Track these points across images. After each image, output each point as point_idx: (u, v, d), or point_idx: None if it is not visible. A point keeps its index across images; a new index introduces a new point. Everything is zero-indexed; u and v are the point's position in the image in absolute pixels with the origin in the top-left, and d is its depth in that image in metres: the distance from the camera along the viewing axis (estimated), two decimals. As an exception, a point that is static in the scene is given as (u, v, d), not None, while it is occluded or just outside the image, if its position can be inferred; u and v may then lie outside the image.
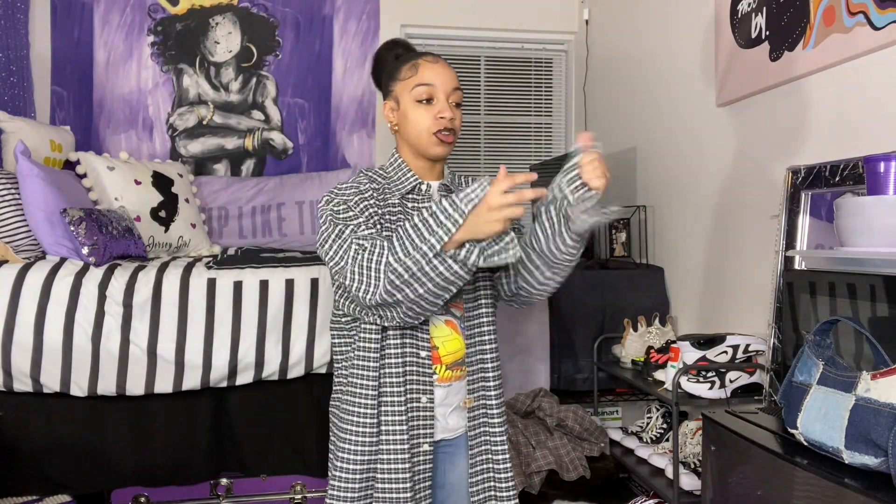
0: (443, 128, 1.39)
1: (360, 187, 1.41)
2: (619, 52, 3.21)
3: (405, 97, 1.42)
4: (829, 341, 1.20)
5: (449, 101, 1.41)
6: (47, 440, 2.10)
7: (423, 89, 1.40)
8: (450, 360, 1.44)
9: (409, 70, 1.42)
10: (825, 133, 1.81)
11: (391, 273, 1.24)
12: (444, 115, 1.39)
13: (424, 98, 1.40)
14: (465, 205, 1.21)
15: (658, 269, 2.71)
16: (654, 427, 2.38)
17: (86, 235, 2.18)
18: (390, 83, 1.46)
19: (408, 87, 1.42)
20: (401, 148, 1.48)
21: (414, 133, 1.42)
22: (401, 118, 1.44)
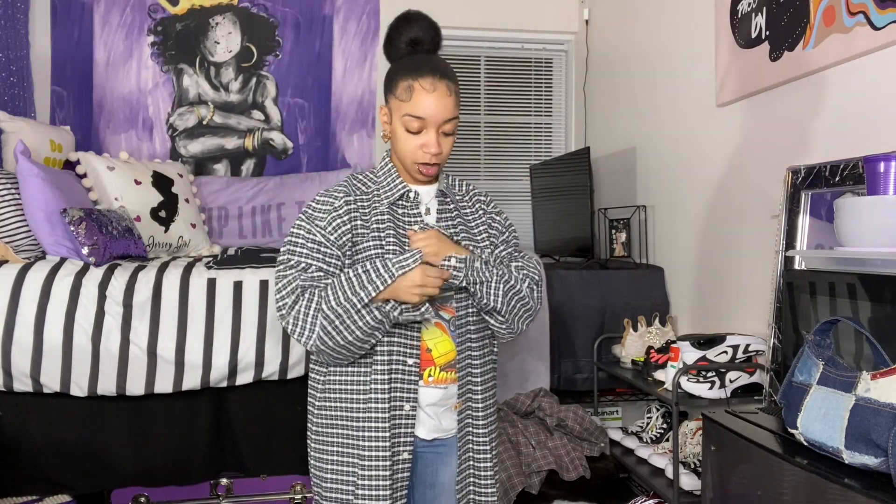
0: (424, 161, 1.39)
1: (335, 203, 1.41)
2: (619, 52, 3.21)
3: (396, 116, 1.40)
4: (829, 341, 1.20)
5: (439, 131, 1.39)
6: (47, 440, 2.10)
7: (413, 121, 1.37)
8: (443, 361, 1.45)
9: (404, 91, 1.37)
10: (825, 133, 1.81)
11: (323, 319, 1.33)
12: (428, 150, 1.38)
13: (414, 129, 1.38)
14: (397, 270, 1.33)
15: (658, 269, 2.71)
16: (654, 427, 2.38)
17: (86, 235, 2.18)
18: (388, 91, 1.42)
19: (400, 109, 1.38)
20: (393, 152, 1.48)
21: (400, 152, 1.43)
22: (391, 132, 1.43)
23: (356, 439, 1.40)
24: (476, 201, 1.58)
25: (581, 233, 2.88)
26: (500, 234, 1.56)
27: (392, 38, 1.45)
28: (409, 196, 1.47)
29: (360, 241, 1.41)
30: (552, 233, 3.24)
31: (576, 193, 2.92)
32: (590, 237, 2.79)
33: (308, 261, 1.39)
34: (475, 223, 1.54)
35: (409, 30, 1.42)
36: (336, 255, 1.40)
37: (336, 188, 1.44)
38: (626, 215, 2.92)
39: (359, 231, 1.41)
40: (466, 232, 1.52)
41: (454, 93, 1.40)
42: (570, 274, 2.63)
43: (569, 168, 3.00)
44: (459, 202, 1.55)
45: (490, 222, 1.56)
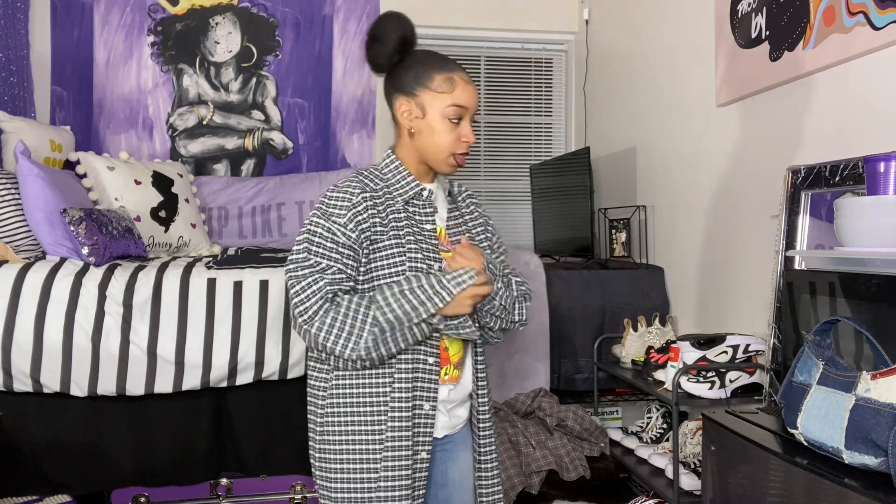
0: (462, 150, 1.43)
1: (354, 199, 1.37)
2: (619, 52, 3.21)
3: (434, 109, 1.40)
4: (829, 341, 1.20)
5: (470, 122, 1.44)
6: (47, 440, 2.10)
7: (457, 111, 1.40)
8: (456, 359, 1.47)
9: (444, 83, 1.39)
10: (825, 133, 1.81)
11: (377, 331, 1.32)
12: (468, 140, 1.42)
13: (456, 118, 1.40)
14: (455, 287, 1.35)
15: (658, 269, 2.71)
16: (654, 427, 2.38)
17: (86, 235, 2.18)
18: (417, 86, 1.40)
19: (441, 101, 1.39)
20: (402, 150, 1.45)
21: (433, 147, 1.41)
22: (424, 126, 1.41)
23: (375, 441, 1.38)
24: (470, 202, 1.60)
25: (581, 233, 2.88)
26: (494, 238, 1.59)
27: (380, 38, 1.42)
28: (422, 195, 1.46)
29: (378, 239, 1.38)
30: (552, 233, 3.24)
31: (576, 193, 2.92)
32: (590, 237, 2.79)
33: (327, 262, 1.35)
34: (473, 224, 1.56)
35: (398, 28, 1.42)
36: (355, 256, 1.37)
37: (350, 183, 1.40)
38: (626, 215, 2.92)
39: (377, 229, 1.38)
40: (468, 233, 1.53)
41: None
42: (570, 274, 2.63)
43: (569, 168, 3.00)
44: (460, 203, 1.57)
45: (485, 224, 1.59)
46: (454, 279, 1.35)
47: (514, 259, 2.56)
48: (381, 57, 1.42)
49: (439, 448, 1.49)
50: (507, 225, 3.84)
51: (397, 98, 1.43)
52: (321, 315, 1.32)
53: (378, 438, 1.39)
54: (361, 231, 1.36)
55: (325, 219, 1.37)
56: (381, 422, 1.39)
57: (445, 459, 1.51)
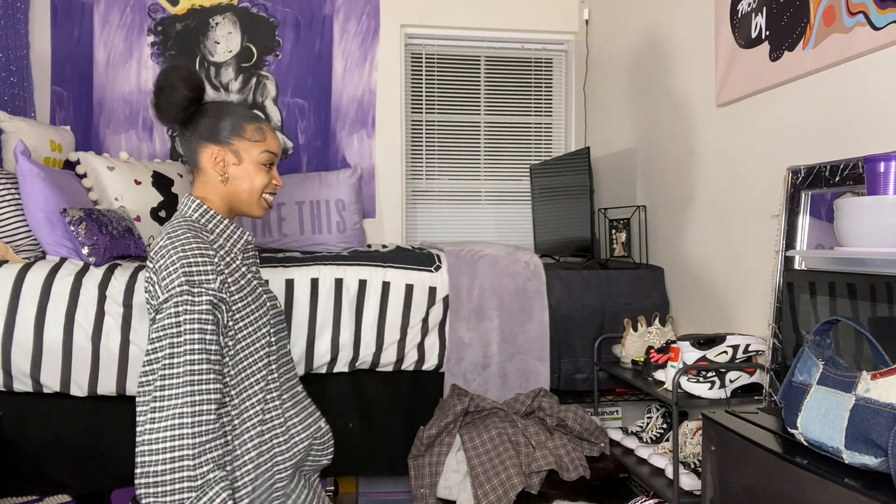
0: (272, 191, 1.52)
1: (214, 260, 1.31)
2: (619, 52, 3.21)
3: (250, 156, 1.46)
4: (829, 341, 1.20)
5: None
6: (47, 440, 2.10)
7: (270, 157, 1.49)
8: None
9: (256, 132, 1.48)
10: (825, 133, 1.81)
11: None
12: (278, 184, 1.53)
13: (268, 164, 1.49)
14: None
15: (658, 269, 2.71)
16: (654, 427, 2.38)
17: (86, 235, 2.18)
18: (230, 136, 1.44)
19: (255, 148, 1.47)
20: (212, 197, 1.45)
21: (248, 191, 1.47)
22: (240, 172, 1.46)
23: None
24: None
25: (581, 233, 2.88)
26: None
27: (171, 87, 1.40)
28: (251, 240, 1.51)
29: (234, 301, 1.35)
30: (552, 233, 3.24)
31: (576, 193, 2.92)
32: (590, 237, 2.79)
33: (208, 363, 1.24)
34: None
35: (189, 79, 1.42)
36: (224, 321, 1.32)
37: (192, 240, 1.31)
38: (626, 215, 2.92)
39: (231, 289, 1.35)
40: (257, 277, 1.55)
41: None
42: (570, 274, 2.63)
43: (569, 168, 3.00)
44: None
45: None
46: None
47: (514, 259, 2.56)
48: (172, 107, 1.41)
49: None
50: (507, 225, 3.84)
51: (206, 147, 1.44)
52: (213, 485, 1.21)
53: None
54: (229, 296, 1.34)
55: (195, 288, 1.25)
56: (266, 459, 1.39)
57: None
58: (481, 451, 2.19)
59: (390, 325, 2.32)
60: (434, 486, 2.20)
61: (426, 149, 3.76)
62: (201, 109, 1.46)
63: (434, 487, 2.20)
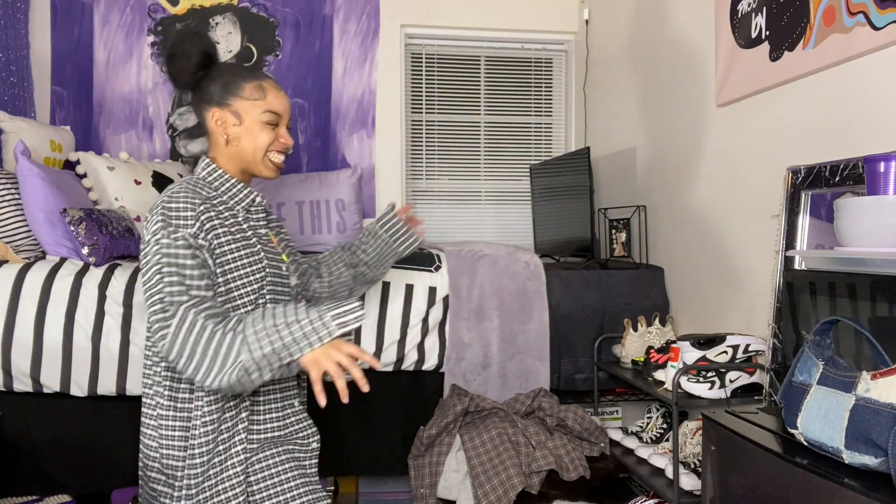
0: (280, 150, 1.50)
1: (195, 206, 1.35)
2: (619, 52, 3.21)
3: (251, 116, 1.45)
4: (829, 341, 1.20)
5: (286, 126, 1.53)
6: (47, 440, 2.10)
7: (271, 116, 1.47)
8: None
9: (256, 91, 1.46)
10: (825, 133, 1.81)
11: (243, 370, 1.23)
12: (285, 141, 1.50)
13: (272, 123, 1.48)
14: (336, 329, 1.26)
15: (658, 269, 2.71)
16: (654, 427, 2.38)
17: (86, 235, 2.18)
18: (229, 96, 1.45)
19: (255, 108, 1.46)
20: (221, 159, 1.48)
21: (251, 149, 1.46)
22: (242, 132, 1.45)
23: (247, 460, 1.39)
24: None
25: (581, 233, 2.88)
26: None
27: (183, 54, 1.44)
28: (256, 200, 1.52)
29: (228, 251, 1.36)
30: (552, 233, 3.24)
31: (576, 193, 2.92)
32: (590, 237, 2.79)
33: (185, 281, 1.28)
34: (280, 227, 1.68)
35: (201, 44, 1.46)
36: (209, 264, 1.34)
37: (184, 191, 1.37)
38: (626, 215, 2.92)
39: (225, 239, 1.37)
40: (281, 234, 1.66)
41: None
42: (570, 274, 2.63)
43: (569, 168, 3.00)
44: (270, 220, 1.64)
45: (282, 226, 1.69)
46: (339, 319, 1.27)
47: (514, 259, 2.56)
48: (184, 73, 1.45)
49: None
50: (507, 225, 3.84)
51: (209, 110, 1.47)
52: (188, 341, 1.24)
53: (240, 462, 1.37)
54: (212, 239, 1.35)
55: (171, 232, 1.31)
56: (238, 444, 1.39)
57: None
58: (481, 451, 2.19)
59: (390, 325, 2.32)
60: (434, 486, 2.20)
61: (426, 149, 3.76)
62: (207, 74, 1.48)
63: (434, 487, 2.20)
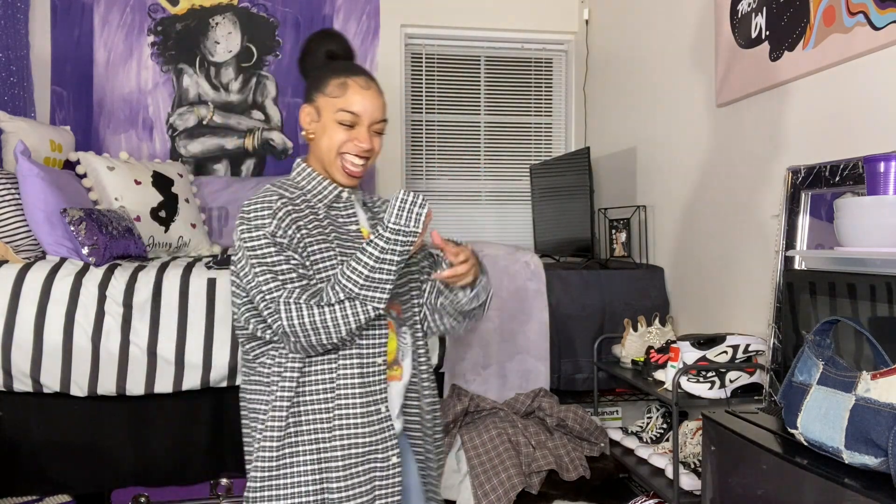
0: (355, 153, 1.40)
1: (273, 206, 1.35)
2: (619, 52, 3.21)
3: (328, 113, 1.40)
4: (829, 341, 1.20)
5: (370, 130, 1.42)
6: (47, 440, 2.10)
7: (347, 116, 1.39)
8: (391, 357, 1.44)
9: (337, 88, 1.40)
10: (825, 133, 1.81)
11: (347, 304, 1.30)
12: (361, 144, 1.40)
13: (347, 123, 1.40)
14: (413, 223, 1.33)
15: (658, 269, 2.71)
16: (654, 427, 2.38)
17: (86, 235, 2.18)
18: (315, 92, 1.43)
19: (333, 106, 1.40)
20: (311, 158, 1.47)
21: (325, 149, 1.41)
22: (318, 129, 1.42)
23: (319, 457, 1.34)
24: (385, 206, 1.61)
25: (581, 233, 2.88)
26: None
27: (309, 52, 1.48)
28: (342, 196, 1.46)
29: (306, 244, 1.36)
30: (552, 233, 3.24)
31: (576, 193, 2.92)
32: (590, 237, 2.79)
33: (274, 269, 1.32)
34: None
35: (329, 44, 1.47)
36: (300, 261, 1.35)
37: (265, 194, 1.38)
38: (626, 215, 2.92)
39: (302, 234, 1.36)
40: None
41: (384, 96, 1.46)
42: (570, 274, 2.63)
43: (569, 168, 3.00)
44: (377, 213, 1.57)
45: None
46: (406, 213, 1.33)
47: (514, 259, 2.56)
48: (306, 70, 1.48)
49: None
50: (507, 225, 3.84)
51: (302, 107, 1.46)
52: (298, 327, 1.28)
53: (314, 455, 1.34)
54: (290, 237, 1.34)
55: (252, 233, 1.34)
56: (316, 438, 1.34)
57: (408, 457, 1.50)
58: (481, 451, 2.19)
59: (390, 325, 2.32)
60: (434, 486, 2.20)
61: (426, 149, 3.76)
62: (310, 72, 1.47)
63: (434, 487, 2.20)
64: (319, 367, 1.36)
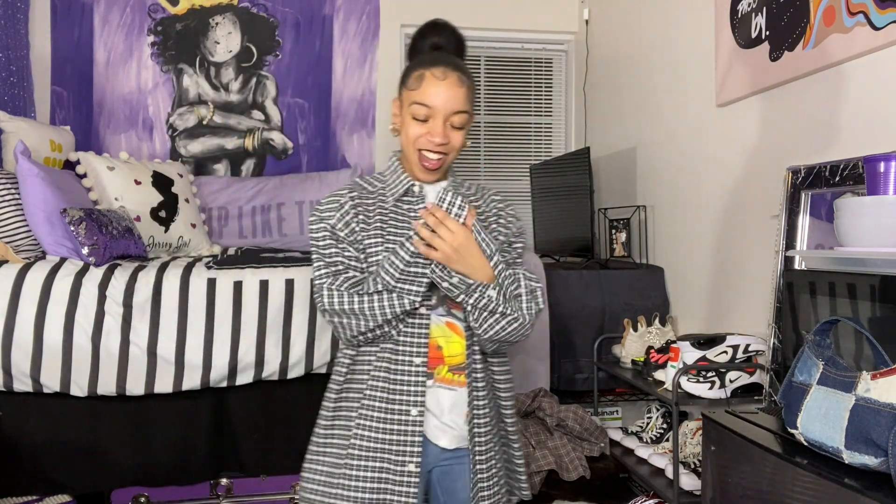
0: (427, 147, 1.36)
1: (341, 200, 1.40)
2: (619, 52, 3.21)
3: (406, 106, 1.38)
4: (829, 341, 1.20)
5: (447, 122, 1.36)
6: (47, 440, 2.10)
7: (420, 109, 1.35)
8: (453, 362, 1.39)
9: (415, 80, 1.37)
10: (825, 133, 1.81)
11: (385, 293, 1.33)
12: (433, 138, 1.35)
13: (421, 117, 1.36)
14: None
15: (658, 269, 2.71)
16: (654, 427, 2.37)
17: (86, 235, 2.18)
18: (400, 85, 1.42)
19: (409, 99, 1.37)
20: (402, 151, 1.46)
21: (405, 142, 1.40)
22: (399, 124, 1.42)
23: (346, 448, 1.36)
24: (491, 203, 1.53)
25: (581, 233, 2.88)
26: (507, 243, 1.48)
27: (416, 43, 1.48)
28: (413, 191, 1.43)
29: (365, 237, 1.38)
30: (552, 233, 3.24)
31: (576, 193, 2.92)
32: (590, 237, 2.79)
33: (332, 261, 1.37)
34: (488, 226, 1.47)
35: (434, 36, 1.46)
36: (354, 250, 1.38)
37: (339, 189, 1.45)
38: (626, 215, 2.92)
39: (362, 227, 1.38)
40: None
41: (466, 87, 1.38)
42: (570, 274, 2.63)
43: (569, 168, 3.00)
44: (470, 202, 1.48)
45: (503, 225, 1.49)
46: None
47: (514, 259, 2.56)
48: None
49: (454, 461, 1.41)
50: (507, 225, 3.83)
51: (392, 100, 1.46)
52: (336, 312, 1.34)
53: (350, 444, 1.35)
54: (351, 231, 1.38)
55: (320, 222, 1.40)
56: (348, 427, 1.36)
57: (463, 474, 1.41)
58: (481, 451, 2.18)
59: (390, 325, 2.32)
60: (434, 486, 2.20)
61: (426, 149, 3.76)
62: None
63: (434, 487, 2.20)
64: (364, 357, 1.38)
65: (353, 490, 1.33)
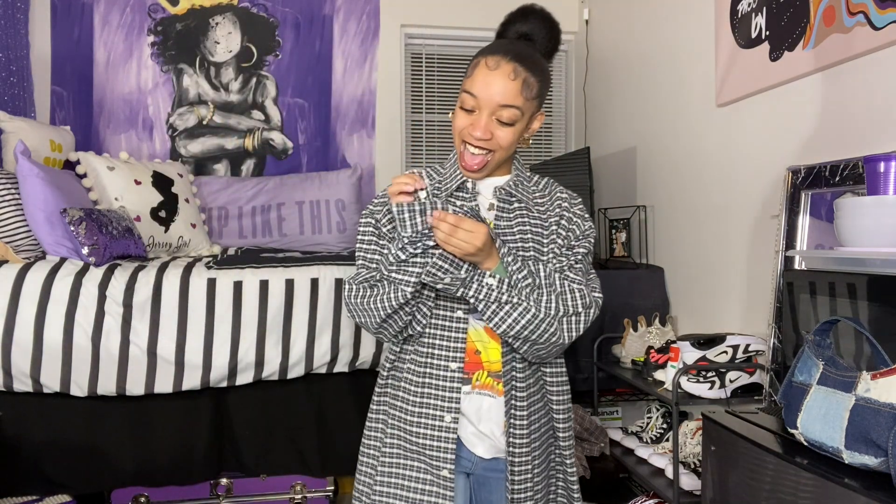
0: (468, 141, 1.27)
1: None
2: (619, 52, 3.21)
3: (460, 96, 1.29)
4: (829, 341, 1.20)
5: (492, 117, 1.26)
6: (47, 440, 2.10)
7: (468, 99, 1.26)
8: (493, 368, 1.34)
9: (472, 67, 1.28)
10: (825, 133, 1.81)
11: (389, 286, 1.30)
12: (474, 132, 1.25)
13: (467, 107, 1.27)
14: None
15: (658, 269, 2.71)
16: (654, 427, 2.37)
17: (86, 235, 2.18)
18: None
19: (463, 85, 1.28)
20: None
21: (454, 133, 1.32)
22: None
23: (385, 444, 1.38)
24: (556, 202, 1.41)
25: (581, 233, 2.87)
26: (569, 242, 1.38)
27: (502, 31, 1.36)
28: (466, 186, 1.34)
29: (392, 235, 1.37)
30: (552, 233, 3.24)
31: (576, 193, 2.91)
32: (590, 237, 2.79)
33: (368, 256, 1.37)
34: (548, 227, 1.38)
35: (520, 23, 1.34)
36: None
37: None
38: (626, 215, 2.92)
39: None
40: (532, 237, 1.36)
41: (522, 80, 1.25)
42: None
43: (569, 168, 3.00)
44: (533, 200, 1.39)
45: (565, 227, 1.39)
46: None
47: (514, 259, 2.55)
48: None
49: (491, 472, 1.37)
50: (507, 225, 3.83)
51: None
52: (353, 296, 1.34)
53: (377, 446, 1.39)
54: (394, 227, 1.32)
55: (365, 218, 1.41)
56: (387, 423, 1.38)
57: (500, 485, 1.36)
58: (481, 451, 2.19)
59: (390, 325, 2.32)
60: (434, 486, 2.20)
61: (426, 149, 3.76)
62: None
63: (434, 487, 2.20)
64: (404, 356, 1.39)
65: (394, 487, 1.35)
